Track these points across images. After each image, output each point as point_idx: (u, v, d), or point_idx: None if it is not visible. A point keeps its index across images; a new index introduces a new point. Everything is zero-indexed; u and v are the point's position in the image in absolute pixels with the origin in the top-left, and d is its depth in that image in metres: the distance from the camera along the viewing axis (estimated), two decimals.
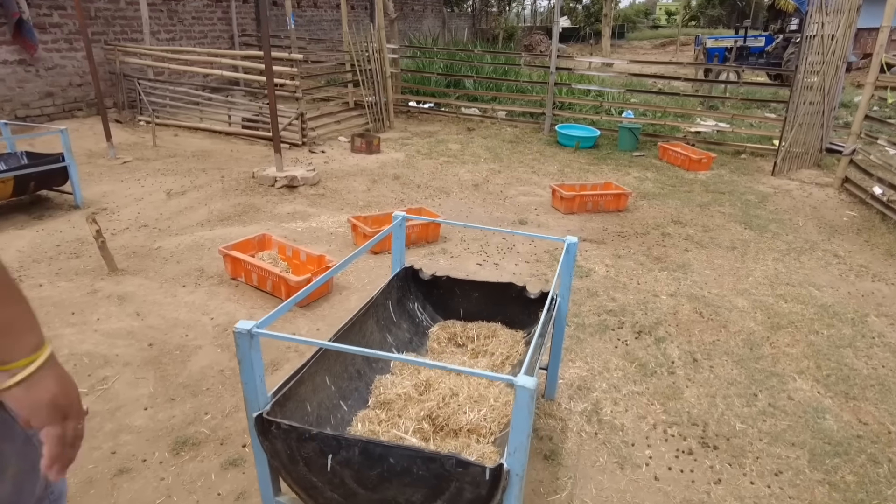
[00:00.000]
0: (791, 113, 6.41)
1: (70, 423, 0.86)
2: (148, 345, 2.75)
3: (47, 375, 0.83)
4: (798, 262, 4.15)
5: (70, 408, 0.86)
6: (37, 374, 0.82)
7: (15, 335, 0.80)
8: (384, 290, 2.35)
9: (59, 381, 0.85)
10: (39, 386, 0.82)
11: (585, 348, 2.91)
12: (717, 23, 35.80)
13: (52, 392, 0.83)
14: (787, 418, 2.45)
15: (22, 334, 0.81)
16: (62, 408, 0.84)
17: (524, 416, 1.31)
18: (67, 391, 0.86)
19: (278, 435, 1.52)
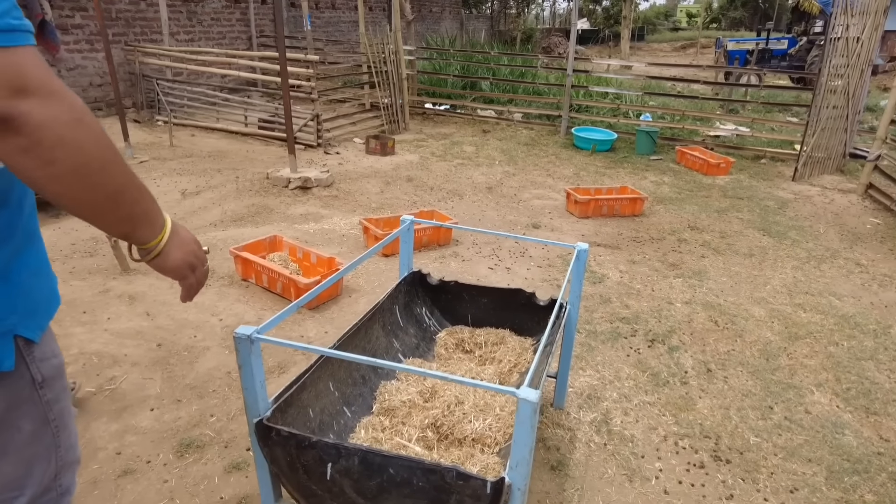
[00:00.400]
0: (814, 117, 6.28)
1: (199, 270, 1.10)
2: (156, 345, 2.75)
3: (174, 245, 1.04)
4: (818, 270, 4.05)
5: (196, 261, 1.09)
6: (167, 246, 1.02)
7: (152, 222, 0.99)
8: (391, 295, 2.32)
9: (182, 246, 1.06)
10: (170, 255, 1.03)
11: (597, 356, 2.86)
12: (738, 25, 35.32)
13: (181, 255, 1.05)
14: (804, 433, 2.38)
15: (156, 219, 0.99)
16: (189, 264, 1.07)
17: (527, 430, 1.27)
18: (190, 250, 1.07)
19: (278, 442, 1.50)
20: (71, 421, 1.11)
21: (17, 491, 1.01)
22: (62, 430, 1.07)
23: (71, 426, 1.11)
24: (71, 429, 1.11)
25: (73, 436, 1.12)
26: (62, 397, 1.08)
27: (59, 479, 1.09)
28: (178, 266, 1.04)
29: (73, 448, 1.12)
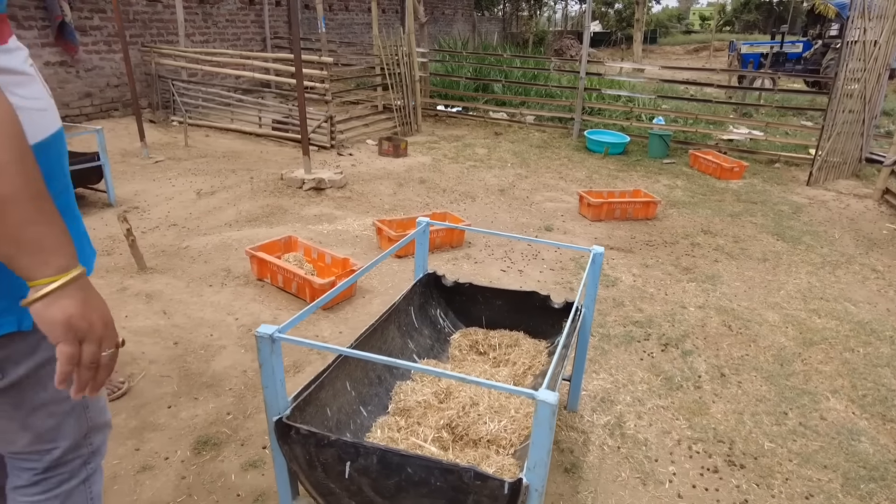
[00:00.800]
0: (829, 121, 6.23)
1: (88, 346, 0.90)
2: (173, 343, 2.79)
3: (68, 296, 0.87)
4: (833, 276, 4.02)
5: (88, 332, 0.89)
6: (56, 293, 0.86)
7: (43, 254, 0.85)
8: (406, 296, 2.34)
9: (81, 304, 0.88)
10: (56, 305, 0.86)
11: (610, 360, 2.86)
12: (752, 28, 35.10)
13: (69, 313, 0.87)
14: (820, 439, 2.36)
15: (50, 254, 0.85)
16: (78, 330, 0.88)
17: (545, 432, 1.28)
18: (87, 315, 0.89)
19: (297, 440, 1.52)
20: None
21: (52, 443, 1.12)
22: (91, 398, 1.14)
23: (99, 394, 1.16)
24: (101, 391, 1.13)
25: (101, 400, 1.21)
26: None
27: (90, 438, 1.18)
28: (61, 321, 0.86)
29: (102, 411, 1.21)
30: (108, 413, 1.23)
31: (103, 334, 0.93)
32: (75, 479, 1.18)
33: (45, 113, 1.03)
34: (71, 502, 1.18)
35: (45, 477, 1.14)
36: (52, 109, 1.07)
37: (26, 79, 1.00)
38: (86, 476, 1.20)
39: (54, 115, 1.07)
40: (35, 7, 7.06)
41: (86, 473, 1.20)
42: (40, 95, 1.03)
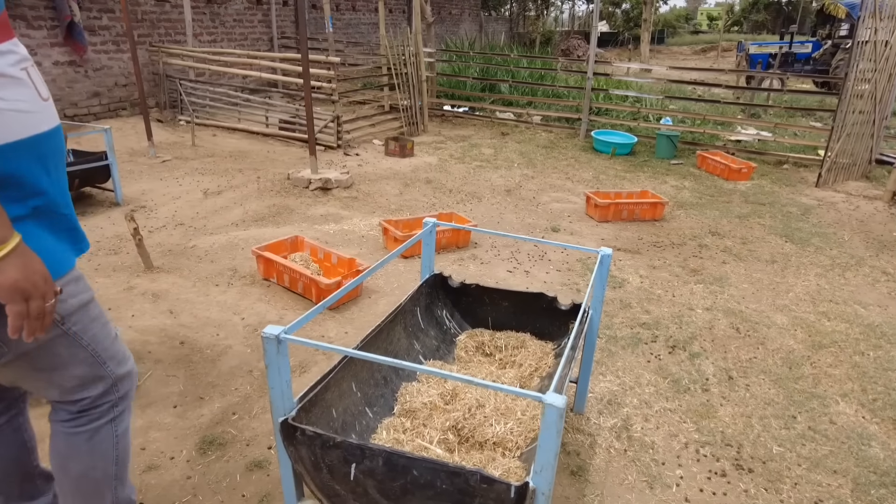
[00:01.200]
0: (839, 122, 6.18)
1: (34, 302, 1.07)
2: (179, 343, 2.79)
3: (12, 264, 1.03)
4: (843, 278, 3.99)
5: (32, 291, 1.05)
6: (1, 262, 1.01)
7: None
8: (412, 297, 2.33)
9: (22, 269, 1.04)
10: (2, 273, 1.02)
11: (617, 362, 2.84)
12: (761, 28, 34.89)
13: (14, 278, 1.03)
14: (829, 443, 2.34)
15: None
16: (23, 291, 1.04)
17: (552, 435, 1.27)
18: (29, 276, 1.05)
19: (303, 441, 1.51)
20: (111, 342, 1.37)
21: (82, 394, 1.33)
22: (101, 350, 1.33)
23: (112, 347, 1.37)
24: (112, 349, 1.37)
25: (118, 353, 1.39)
26: (92, 326, 1.31)
27: (117, 386, 1.40)
28: (7, 286, 1.02)
29: (122, 363, 1.40)
30: (128, 363, 1.43)
31: (45, 290, 1.08)
32: (104, 419, 1.39)
33: (28, 115, 1.13)
34: (98, 437, 1.39)
35: (78, 416, 1.36)
36: (40, 112, 1.16)
37: (9, 81, 1.09)
38: (113, 416, 1.41)
39: (42, 116, 1.17)
40: (44, 7, 7.10)
41: (113, 414, 1.41)
42: (24, 98, 1.12)
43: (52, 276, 1.16)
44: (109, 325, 1.40)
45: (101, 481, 1.44)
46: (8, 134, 1.08)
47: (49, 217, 1.21)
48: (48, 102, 1.20)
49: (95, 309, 1.34)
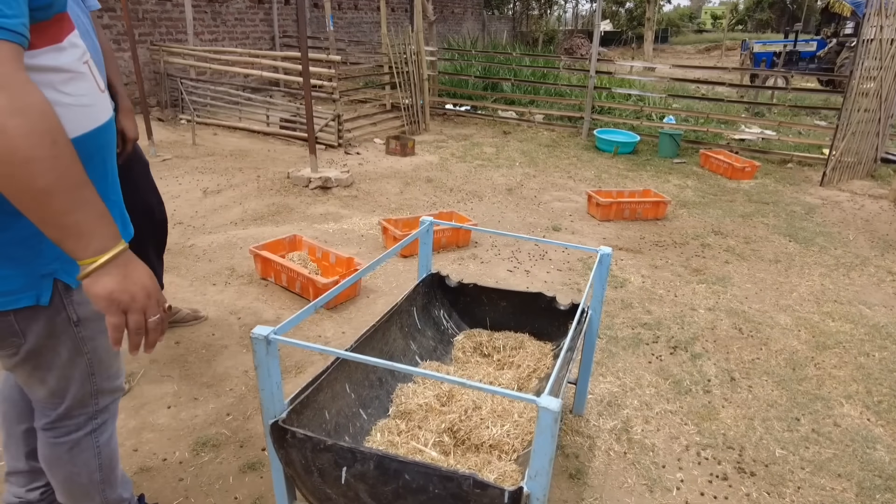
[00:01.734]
0: (844, 120, 6.12)
1: (132, 315, 1.04)
2: (175, 342, 2.77)
3: (109, 273, 1.00)
4: (847, 278, 3.94)
5: (130, 304, 1.03)
6: (98, 271, 1.00)
7: (83, 239, 0.98)
8: (409, 296, 2.30)
9: (121, 280, 1.02)
10: (99, 282, 1.00)
11: (617, 363, 2.80)
12: (765, 27, 34.74)
13: (110, 288, 1.00)
14: (833, 446, 2.30)
15: (90, 238, 0.98)
16: (120, 303, 1.02)
17: (547, 440, 1.24)
18: (127, 289, 1.02)
19: (293, 444, 1.48)
20: (109, 357, 1.36)
21: (60, 399, 1.33)
22: (96, 363, 1.33)
23: (108, 361, 1.36)
24: (108, 363, 1.36)
25: (110, 369, 1.38)
26: (98, 337, 1.30)
27: (96, 399, 1.38)
28: (103, 296, 1.00)
29: (110, 378, 1.39)
30: (118, 380, 1.44)
31: (146, 304, 1.05)
32: (82, 431, 1.39)
33: (91, 108, 1.15)
34: (79, 449, 1.40)
35: (56, 426, 1.36)
36: (99, 104, 1.19)
37: (76, 76, 1.10)
38: (92, 429, 1.40)
39: (101, 108, 1.19)
40: None
41: (91, 427, 1.40)
42: (87, 92, 1.14)
43: None
44: None
45: (87, 486, 1.46)
46: (75, 128, 1.09)
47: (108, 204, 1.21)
48: (105, 94, 1.24)
49: None
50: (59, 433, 1.37)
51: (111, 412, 1.45)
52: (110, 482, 1.50)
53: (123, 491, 1.58)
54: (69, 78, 1.09)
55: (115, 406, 1.46)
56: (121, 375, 1.45)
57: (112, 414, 1.46)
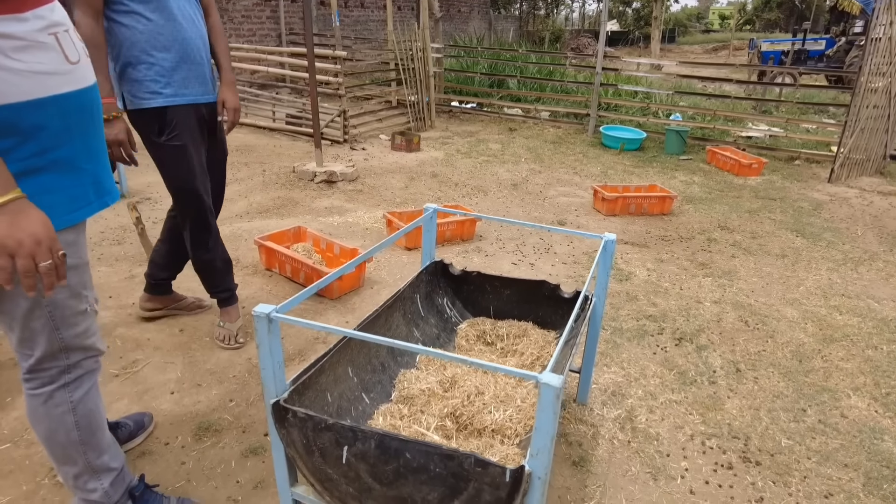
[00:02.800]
0: (852, 117, 6.07)
1: (20, 260, 1.11)
2: (179, 330, 2.77)
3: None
4: (856, 272, 3.90)
5: (17, 249, 1.11)
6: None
7: None
8: (412, 284, 2.29)
9: (7, 227, 1.10)
10: None
11: (622, 353, 2.79)
12: (773, 27, 34.53)
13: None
14: (840, 437, 2.27)
15: None
16: (6, 247, 1.10)
17: (549, 417, 1.23)
18: (13, 235, 1.10)
19: (294, 423, 1.47)
20: (75, 315, 1.41)
21: (30, 350, 1.39)
22: (59, 318, 1.38)
23: (76, 318, 1.41)
24: (73, 320, 1.41)
25: (76, 327, 1.42)
26: (61, 296, 1.36)
27: (67, 354, 1.43)
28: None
29: (79, 336, 1.43)
30: (90, 339, 1.47)
31: (33, 250, 1.12)
32: (55, 384, 1.45)
33: (50, 76, 1.23)
34: (53, 402, 1.45)
35: (31, 377, 1.43)
36: (65, 74, 1.27)
37: (33, 45, 1.19)
38: (64, 383, 1.45)
39: (67, 79, 1.27)
40: None
41: (64, 380, 1.45)
42: (47, 61, 1.22)
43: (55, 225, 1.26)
44: (82, 299, 1.43)
45: (66, 446, 1.50)
46: (26, 93, 1.19)
47: (69, 170, 1.32)
48: (77, 65, 1.30)
49: (73, 278, 1.38)
50: (34, 384, 1.44)
51: (86, 370, 1.49)
52: (92, 445, 1.53)
53: (112, 461, 1.60)
54: (23, 46, 1.18)
55: (90, 364, 1.50)
56: (92, 335, 1.48)
57: (87, 372, 1.50)
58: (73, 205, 1.36)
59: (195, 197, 2.46)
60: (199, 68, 2.32)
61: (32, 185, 1.27)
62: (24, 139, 1.23)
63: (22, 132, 1.23)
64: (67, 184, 1.33)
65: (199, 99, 2.36)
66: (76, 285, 1.40)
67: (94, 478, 1.56)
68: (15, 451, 1.98)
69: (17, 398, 2.23)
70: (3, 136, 1.21)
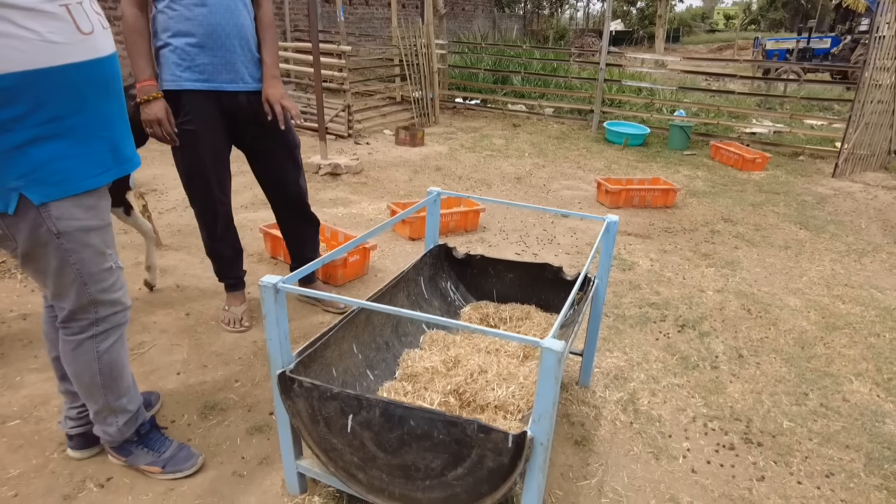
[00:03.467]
0: (856, 112, 6.06)
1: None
2: (185, 314, 2.80)
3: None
4: (859, 263, 3.90)
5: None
6: None
7: None
8: (416, 266, 2.31)
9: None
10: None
11: (625, 339, 2.80)
12: (778, 26, 34.42)
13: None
14: (842, 419, 2.28)
15: None
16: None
17: (550, 382, 1.24)
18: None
19: (300, 393, 1.50)
20: (103, 272, 1.53)
21: (62, 303, 1.53)
22: (86, 274, 1.49)
23: (103, 275, 1.53)
24: (99, 277, 1.52)
25: (104, 282, 1.54)
26: (84, 251, 1.47)
27: (96, 308, 1.56)
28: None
29: (105, 291, 1.55)
30: (116, 294, 1.59)
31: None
32: (84, 334, 1.58)
33: (60, 46, 1.29)
34: (81, 350, 1.59)
35: (65, 325, 1.58)
36: (76, 44, 1.33)
37: (41, 14, 1.25)
38: (93, 334, 1.59)
39: (78, 49, 1.33)
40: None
41: (92, 332, 1.58)
42: (57, 31, 1.29)
43: (71, 192, 1.41)
44: (107, 257, 1.55)
45: (90, 386, 1.65)
46: (35, 61, 1.25)
47: (85, 137, 1.41)
48: (90, 36, 1.36)
49: (95, 238, 1.49)
50: (67, 332, 1.58)
51: (113, 324, 1.62)
52: (112, 389, 1.68)
53: (129, 403, 1.74)
54: (32, 16, 1.24)
55: (117, 318, 1.63)
56: (118, 290, 1.60)
57: (114, 326, 1.62)
58: (91, 170, 1.44)
59: (203, 183, 2.48)
60: (227, 56, 2.29)
61: (49, 150, 1.34)
62: (37, 106, 1.29)
63: (34, 99, 1.28)
64: (84, 150, 1.41)
65: (222, 87, 2.33)
66: (100, 244, 1.51)
67: (111, 415, 1.71)
68: (25, 426, 2.00)
69: (27, 377, 2.26)
70: (15, 103, 1.26)
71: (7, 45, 1.22)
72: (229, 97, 2.37)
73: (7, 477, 1.78)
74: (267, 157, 2.60)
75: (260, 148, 2.56)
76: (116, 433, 1.74)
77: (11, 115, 1.26)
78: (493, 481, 1.36)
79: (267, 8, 2.44)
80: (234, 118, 2.43)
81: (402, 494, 1.49)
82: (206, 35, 2.23)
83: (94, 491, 1.75)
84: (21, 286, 2.99)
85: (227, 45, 2.29)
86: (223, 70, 2.31)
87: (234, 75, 2.35)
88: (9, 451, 1.89)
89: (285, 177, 2.68)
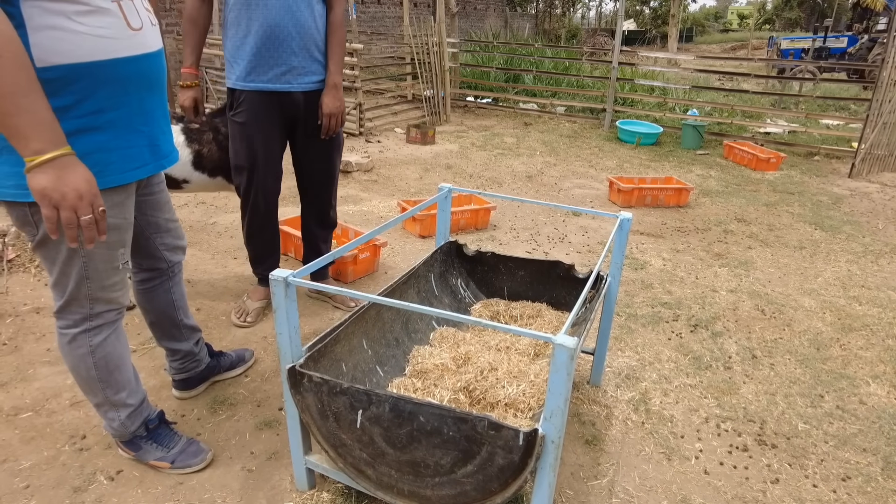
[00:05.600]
0: (874, 111, 5.97)
1: (63, 212, 1.20)
2: (195, 310, 2.80)
3: (45, 173, 1.17)
4: (876, 265, 3.84)
5: (61, 201, 1.19)
6: (35, 169, 1.17)
7: (22, 139, 1.15)
8: (426, 262, 2.30)
9: (54, 180, 1.18)
10: (34, 179, 1.18)
11: (636, 338, 2.77)
12: (794, 26, 34.06)
13: (43, 185, 1.18)
14: (858, 422, 2.24)
15: (28, 142, 1.15)
16: (51, 199, 1.19)
17: (562, 378, 1.23)
18: (59, 188, 1.18)
19: (310, 388, 1.49)
20: (107, 269, 1.52)
21: (60, 293, 1.52)
22: (91, 270, 1.49)
23: (104, 272, 1.51)
24: (104, 273, 1.51)
25: (106, 280, 1.53)
26: (98, 250, 1.47)
27: (92, 304, 1.54)
28: (37, 191, 1.18)
29: (105, 289, 1.54)
30: (115, 293, 1.58)
31: (75, 203, 1.21)
32: (78, 328, 1.57)
33: (111, 41, 1.31)
34: (75, 344, 1.58)
35: (59, 317, 1.56)
36: (126, 40, 1.35)
37: (95, 10, 1.27)
38: (86, 328, 1.57)
39: (128, 44, 1.35)
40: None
41: (85, 327, 1.57)
42: (108, 26, 1.30)
43: (107, 184, 1.38)
44: (117, 256, 1.54)
45: (87, 380, 1.64)
46: (86, 54, 1.26)
47: (125, 131, 1.41)
48: (138, 32, 1.38)
49: (113, 236, 1.49)
50: (61, 325, 1.58)
51: (107, 321, 1.60)
52: (110, 383, 1.66)
53: (129, 397, 1.73)
54: (85, 10, 1.25)
55: (111, 316, 1.61)
56: (118, 290, 1.59)
57: (108, 323, 1.61)
58: (128, 164, 1.45)
59: (247, 175, 2.51)
60: (281, 55, 2.27)
61: (88, 142, 1.35)
62: (83, 98, 1.30)
63: (80, 91, 1.29)
64: (123, 144, 1.41)
65: (269, 86, 2.31)
66: (115, 243, 1.50)
67: (112, 409, 1.71)
68: (37, 419, 2.02)
69: (39, 370, 2.28)
70: (62, 94, 1.27)
71: (59, 38, 1.22)
72: (283, 96, 2.36)
73: (19, 468, 1.80)
74: (309, 153, 2.60)
75: (304, 143, 2.55)
76: (120, 427, 1.74)
77: (57, 106, 1.25)
78: (504, 479, 1.34)
79: (339, 10, 2.39)
80: (289, 116, 2.43)
81: (410, 491, 1.48)
82: (259, 33, 2.23)
83: (104, 483, 1.76)
84: (35, 280, 3.01)
85: (284, 44, 2.26)
86: (277, 69, 2.30)
87: (289, 76, 2.33)
88: (21, 442, 1.90)
89: (321, 179, 2.71)
